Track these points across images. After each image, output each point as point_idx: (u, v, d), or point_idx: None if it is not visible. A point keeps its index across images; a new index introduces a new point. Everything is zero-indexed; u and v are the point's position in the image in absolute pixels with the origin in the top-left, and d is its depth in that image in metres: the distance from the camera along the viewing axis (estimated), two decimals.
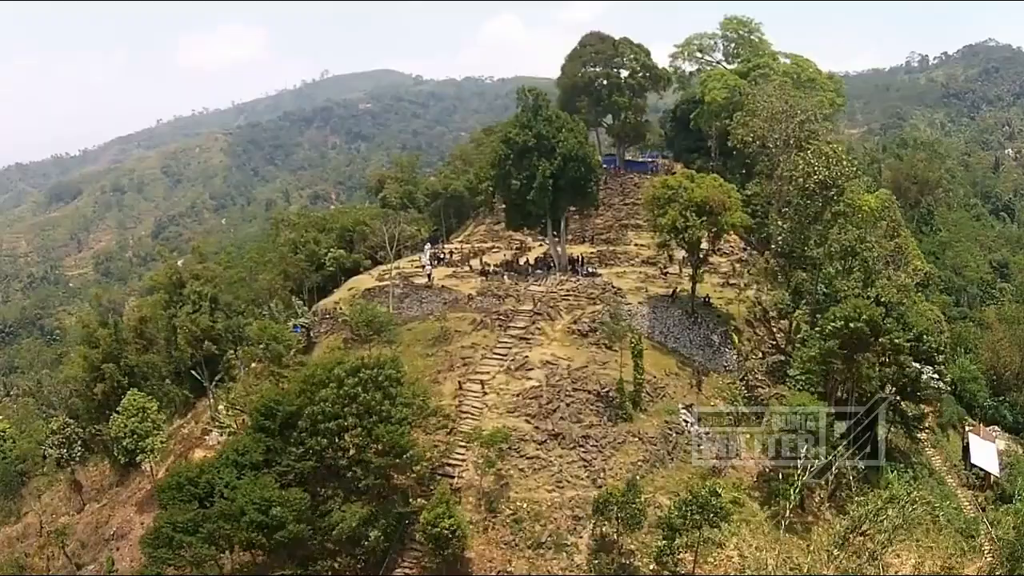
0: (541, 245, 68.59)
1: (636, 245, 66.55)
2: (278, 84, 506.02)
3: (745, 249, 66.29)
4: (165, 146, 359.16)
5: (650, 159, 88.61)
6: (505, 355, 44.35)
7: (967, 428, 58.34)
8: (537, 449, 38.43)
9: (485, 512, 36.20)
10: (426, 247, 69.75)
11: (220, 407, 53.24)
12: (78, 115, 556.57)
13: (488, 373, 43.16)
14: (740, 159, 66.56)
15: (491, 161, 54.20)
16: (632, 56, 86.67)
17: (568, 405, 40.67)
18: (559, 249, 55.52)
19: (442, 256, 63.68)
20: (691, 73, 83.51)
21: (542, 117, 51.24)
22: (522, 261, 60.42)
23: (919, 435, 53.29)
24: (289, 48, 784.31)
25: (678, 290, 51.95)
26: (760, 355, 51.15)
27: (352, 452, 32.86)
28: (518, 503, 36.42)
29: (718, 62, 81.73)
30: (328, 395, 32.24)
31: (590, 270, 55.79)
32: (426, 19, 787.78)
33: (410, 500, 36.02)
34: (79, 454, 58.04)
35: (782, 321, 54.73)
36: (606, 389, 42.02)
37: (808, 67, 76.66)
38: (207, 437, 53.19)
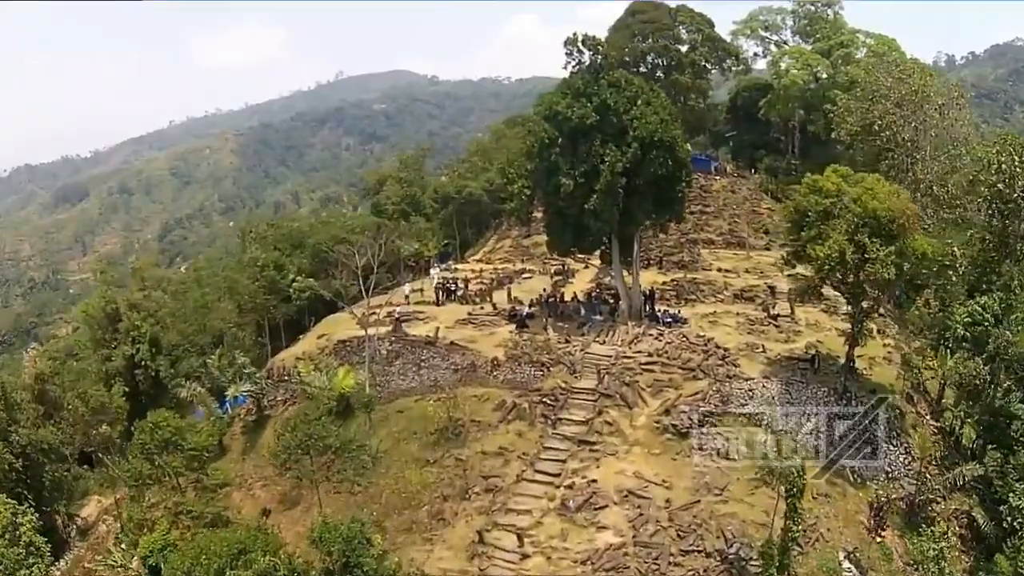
0: (587, 267, 50.56)
1: (720, 271, 48.36)
2: (293, 85, 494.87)
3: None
4: (175, 147, 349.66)
5: (711, 157, 72.17)
6: (557, 476, 26.02)
7: None
8: None
9: None
10: (433, 269, 52.06)
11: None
12: (90, 116, 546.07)
13: (529, 512, 24.77)
14: (833, 156, 49.99)
15: (527, 149, 34.83)
16: (693, 27, 72.93)
17: None
18: (629, 282, 36.46)
19: (453, 287, 45.08)
20: (755, 55, 72.52)
21: (606, 82, 32.70)
22: (568, 296, 41.73)
23: None
24: (304, 49, 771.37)
25: (818, 353, 32.98)
26: (933, 456, 32.57)
27: None
28: None
29: (785, 42, 70.21)
30: None
31: (672, 314, 37.04)
32: (442, 19, 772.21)
33: None
34: None
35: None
36: (735, 546, 23.86)
37: (894, 48, 63.27)
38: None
